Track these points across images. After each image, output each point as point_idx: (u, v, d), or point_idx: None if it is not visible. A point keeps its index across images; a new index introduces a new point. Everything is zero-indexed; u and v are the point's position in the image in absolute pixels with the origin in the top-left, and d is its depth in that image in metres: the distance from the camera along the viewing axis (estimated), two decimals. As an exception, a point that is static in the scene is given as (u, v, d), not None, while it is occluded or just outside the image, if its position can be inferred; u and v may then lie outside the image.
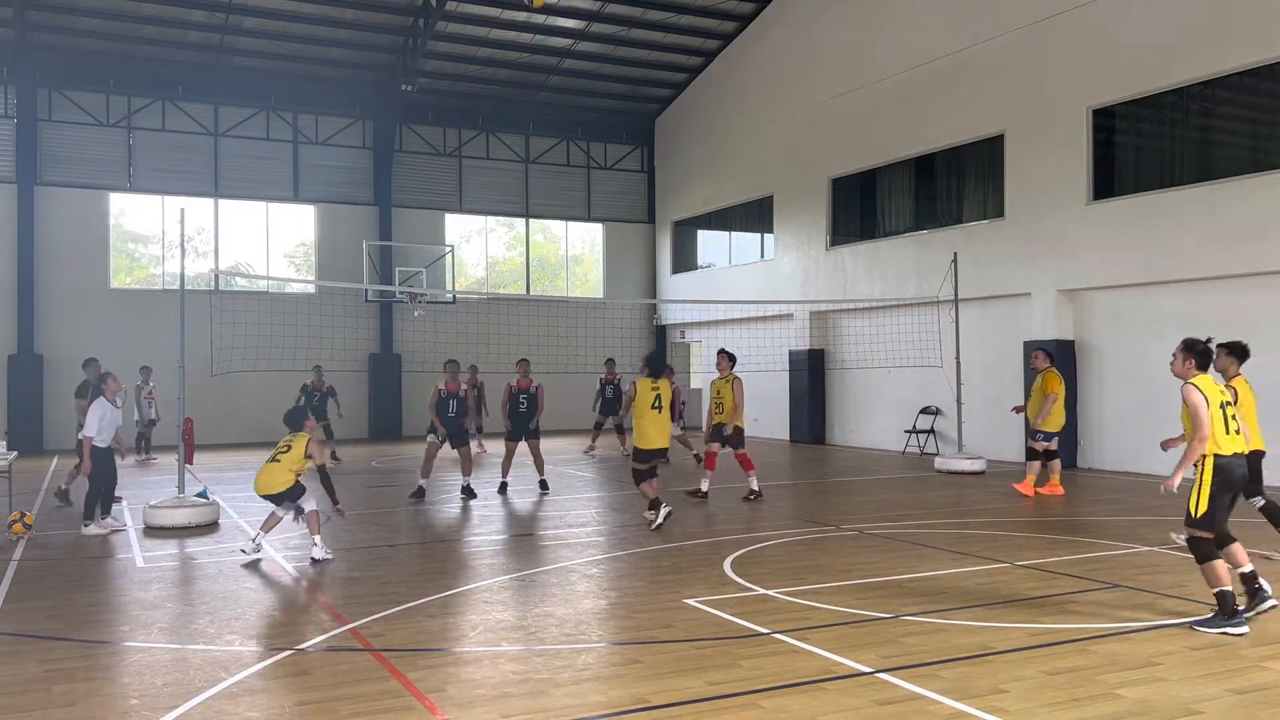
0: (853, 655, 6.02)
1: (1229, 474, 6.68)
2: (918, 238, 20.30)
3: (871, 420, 21.76)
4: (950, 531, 10.69)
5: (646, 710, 5.15)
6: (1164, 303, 15.84)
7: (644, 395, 11.36)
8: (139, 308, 23.57)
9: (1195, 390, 6.73)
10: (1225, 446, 6.67)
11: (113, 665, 6.14)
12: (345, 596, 7.88)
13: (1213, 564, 6.58)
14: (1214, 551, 6.65)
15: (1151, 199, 15.78)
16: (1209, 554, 6.62)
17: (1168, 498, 13.10)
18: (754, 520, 11.63)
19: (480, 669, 5.94)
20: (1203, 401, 6.67)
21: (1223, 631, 6.43)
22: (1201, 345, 7.04)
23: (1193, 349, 7.01)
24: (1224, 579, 6.54)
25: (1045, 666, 5.80)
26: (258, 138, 25.10)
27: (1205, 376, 6.91)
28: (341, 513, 9.83)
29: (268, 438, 23.58)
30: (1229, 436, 6.71)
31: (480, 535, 10.92)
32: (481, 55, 25.17)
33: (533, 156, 28.22)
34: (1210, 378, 6.94)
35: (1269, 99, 14.69)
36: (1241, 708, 5.11)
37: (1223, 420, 6.72)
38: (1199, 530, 6.67)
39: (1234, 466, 6.71)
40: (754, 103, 24.97)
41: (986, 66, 18.46)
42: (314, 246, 25.89)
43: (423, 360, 24.11)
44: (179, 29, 22.94)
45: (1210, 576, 6.58)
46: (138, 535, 10.88)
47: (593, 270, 29.66)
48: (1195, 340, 7.09)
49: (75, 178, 23.47)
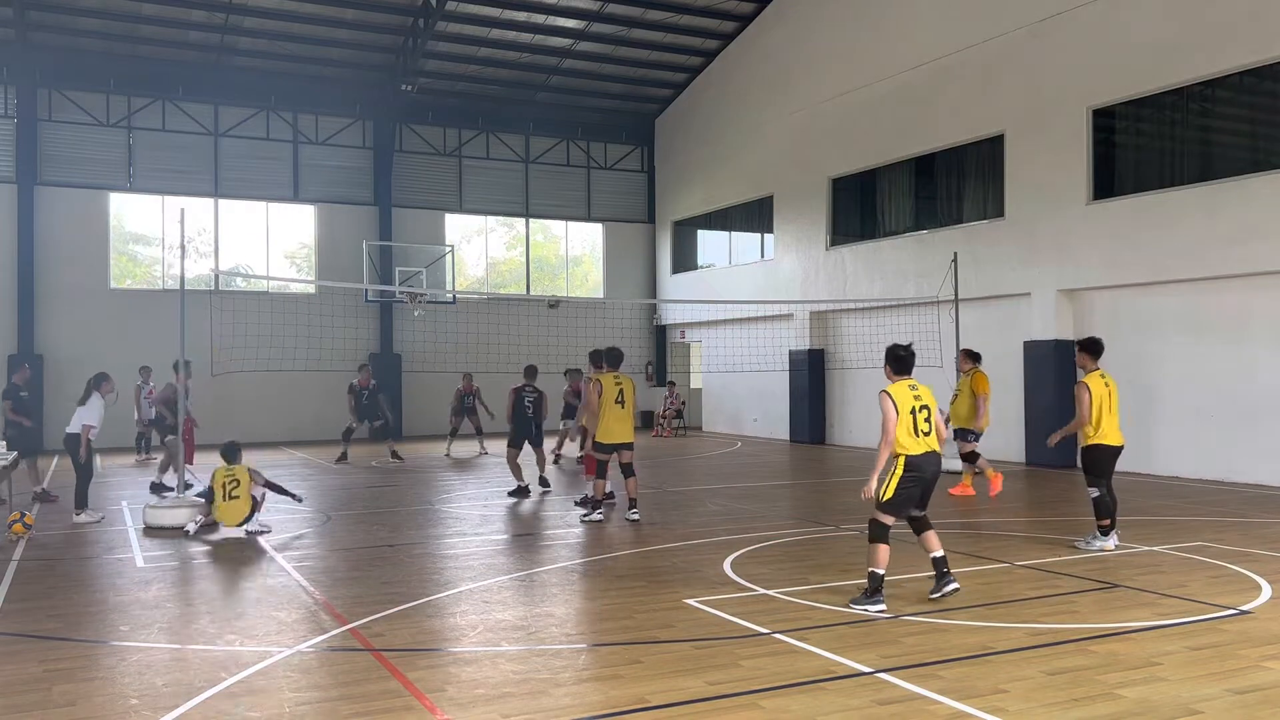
0: (853, 655, 6.02)
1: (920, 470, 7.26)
2: (918, 238, 20.30)
3: (872, 420, 21.69)
4: (950, 531, 10.69)
5: (646, 710, 5.14)
6: (1164, 303, 15.85)
7: (608, 390, 11.38)
8: (139, 308, 23.56)
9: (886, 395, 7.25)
10: (913, 447, 7.22)
11: (113, 665, 6.14)
12: (345, 596, 7.88)
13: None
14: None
15: (1151, 199, 15.79)
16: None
17: (1168, 497, 13.14)
18: (754, 520, 11.63)
19: (480, 669, 5.94)
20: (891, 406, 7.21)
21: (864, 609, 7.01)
22: (900, 351, 7.46)
23: (889, 355, 7.49)
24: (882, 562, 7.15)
25: (1045, 666, 5.80)
26: (258, 138, 25.10)
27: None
28: (299, 499, 12.17)
29: (268, 438, 23.68)
30: (916, 439, 7.24)
31: (480, 535, 10.92)
32: (481, 55, 25.17)
33: (533, 156, 28.22)
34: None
35: (1269, 99, 14.69)
36: (1241, 708, 5.11)
37: (912, 423, 7.23)
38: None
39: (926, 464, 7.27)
40: (754, 103, 24.97)
41: (986, 66, 18.46)
42: (314, 246, 25.90)
43: (423, 360, 24.14)
44: (179, 29, 22.94)
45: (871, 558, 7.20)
46: (138, 535, 10.89)
47: (593, 270, 29.66)
48: (895, 345, 7.53)
49: (75, 178, 23.47)
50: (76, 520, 11.62)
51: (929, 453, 7.29)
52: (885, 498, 7.23)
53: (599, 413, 11.45)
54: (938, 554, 7.37)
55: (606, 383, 11.45)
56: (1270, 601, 7.33)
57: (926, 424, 7.29)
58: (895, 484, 7.21)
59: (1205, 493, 13.73)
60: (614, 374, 11.58)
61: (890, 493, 7.22)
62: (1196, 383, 15.39)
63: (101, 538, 10.80)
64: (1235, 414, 14.87)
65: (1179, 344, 15.69)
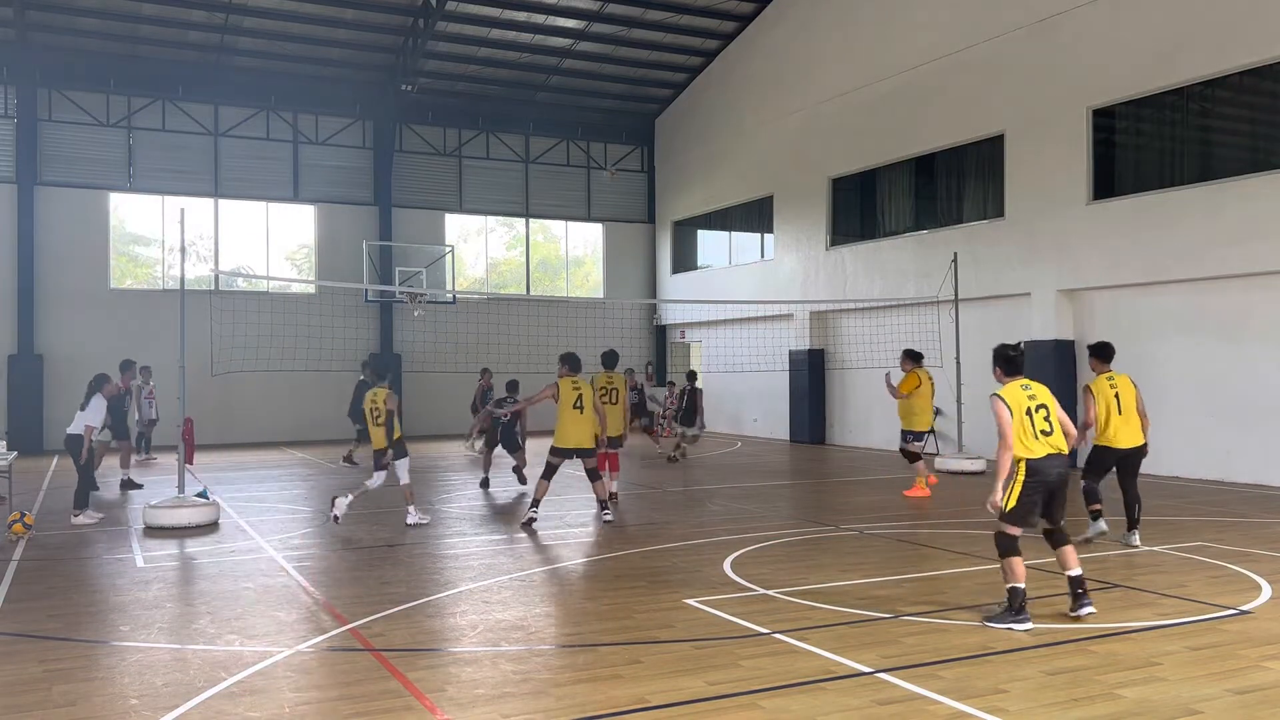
0: (853, 655, 6.02)
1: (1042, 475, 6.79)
2: (918, 238, 20.30)
3: (871, 420, 21.74)
4: (950, 531, 10.69)
5: (646, 710, 5.14)
6: (1164, 303, 15.85)
7: (565, 394, 11.18)
8: (139, 308, 23.56)
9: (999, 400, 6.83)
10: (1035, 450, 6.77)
11: (113, 665, 6.14)
12: (345, 596, 7.88)
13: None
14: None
15: (1152, 199, 15.78)
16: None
17: (1168, 497, 13.13)
18: (754, 520, 11.63)
19: (480, 669, 5.94)
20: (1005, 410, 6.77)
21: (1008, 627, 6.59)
22: (1010, 350, 7.09)
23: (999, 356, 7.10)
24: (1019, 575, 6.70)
25: (1045, 666, 5.80)
26: (258, 138, 25.10)
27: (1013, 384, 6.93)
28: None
29: (268, 438, 23.69)
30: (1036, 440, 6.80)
31: (480, 535, 10.91)
32: (481, 55, 25.17)
33: (533, 156, 28.22)
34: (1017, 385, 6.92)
35: (1269, 99, 14.69)
36: (1241, 708, 5.11)
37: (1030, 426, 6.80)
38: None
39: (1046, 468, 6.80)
40: (754, 102, 24.97)
41: (986, 66, 18.46)
42: (314, 246, 25.89)
43: (423, 360, 24.13)
44: (179, 29, 22.94)
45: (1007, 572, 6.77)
46: (138, 535, 10.89)
47: (593, 270, 29.66)
48: (1004, 346, 7.16)
49: (75, 178, 23.47)
50: (75, 521, 11.63)
51: (1051, 455, 6.80)
52: (1008, 507, 6.79)
53: (559, 414, 11.27)
54: (1074, 572, 6.86)
55: (564, 386, 11.25)
56: (1270, 601, 7.33)
57: (1046, 423, 6.83)
58: (1018, 491, 6.76)
59: (1205, 493, 13.72)
60: (571, 379, 11.31)
61: (1013, 501, 6.77)
62: (1196, 383, 15.39)
63: (101, 538, 10.80)
64: (1235, 414, 14.87)
65: (1179, 344, 15.69)
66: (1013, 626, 6.58)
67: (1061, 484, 6.87)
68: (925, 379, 13.76)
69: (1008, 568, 6.74)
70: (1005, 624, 6.61)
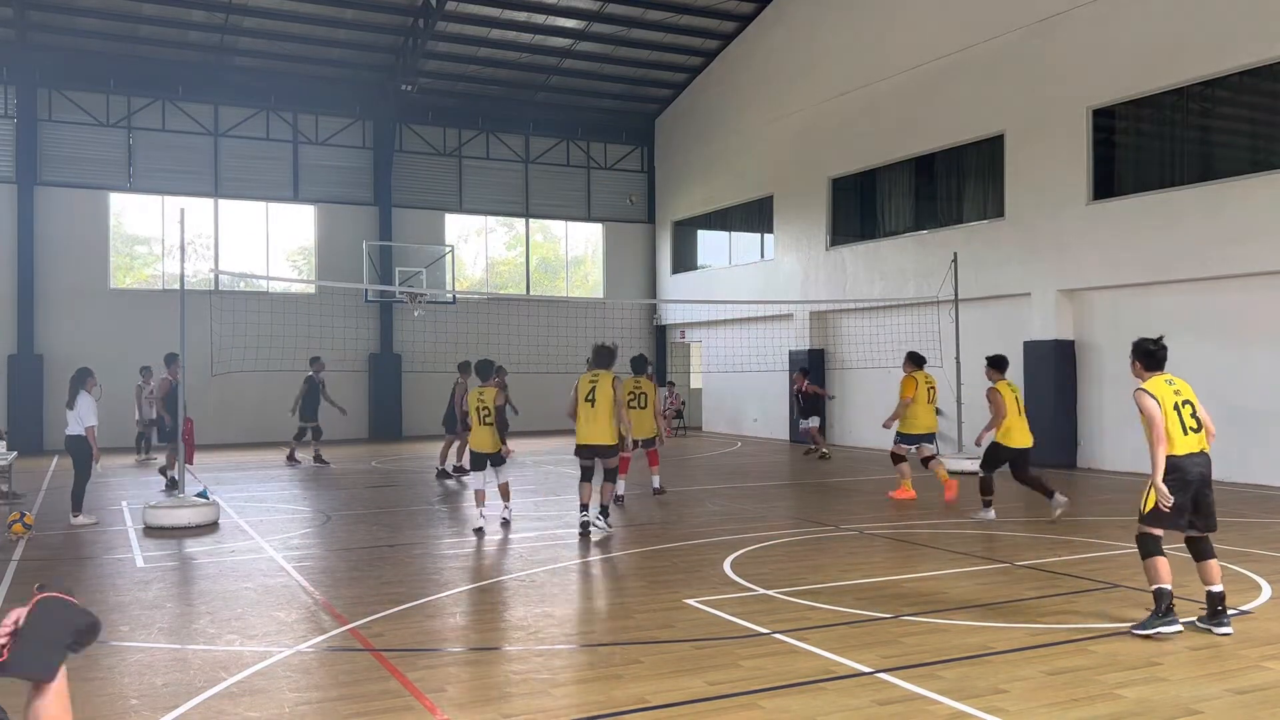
0: (853, 655, 6.01)
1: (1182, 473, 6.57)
2: (918, 238, 20.29)
3: (871, 420, 21.73)
4: (950, 531, 10.69)
5: (646, 710, 5.14)
6: (1164, 303, 15.84)
7: (580, 389, 10.65)
8: (139, 308, 23.57)
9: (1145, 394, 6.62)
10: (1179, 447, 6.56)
11: (113, 665, 6.13)
12: (345, 596, 7.88)
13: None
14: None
15: (1151, 199, 15.78)
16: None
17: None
18: (754, 520, 11.63)
19: (480, 669, 5.94)
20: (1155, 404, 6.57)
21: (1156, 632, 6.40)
22: (1151, 345, 6.91)
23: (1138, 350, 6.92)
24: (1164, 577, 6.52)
25: (1045, 666, 5.79)
26: (258, 138, 25.10)
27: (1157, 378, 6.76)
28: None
29: (268, 438, 23.67)
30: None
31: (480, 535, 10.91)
32: (481, 55, 25.17)
33: (533, 156, 28.22)
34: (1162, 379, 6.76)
35: (1269, 99, 14.69)
36: (1241, 708, 5.11)
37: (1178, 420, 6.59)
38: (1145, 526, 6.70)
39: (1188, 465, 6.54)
40: (754, 102, 24.97)
41: (986, 66, 18.46)
42: (314, 246, 25.90)
43: (423, 361, 24.11)
44: (179, 29, 22.94)
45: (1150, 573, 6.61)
46: (138, 535, 10.89)
47: (593, 270, 29.66)
48: (1144, 340, 6.96)
49: (75, 178, 23.47)
50: (74, 522, 11.55)
51: (1194, 453, 6.52)
52: (1146, 507, 6.55)
53: (574, 412, 10.82)
54: (1214, 588, 6.52)
55: (581, 381, 10.75)
56: (1270, 601, 7.33)
57: (1193, 419, 6.59)
58: (1156, 490, 6.51)
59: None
60: (589, 374, 10.80)
61: (1152, 501, 6.53)
62: (1196, 383, 15.23)
63: (101, 538, 10.80)
64: (1234, 414, 14.85)
65: (1179, 344, 15.52)
66: (1162, 630, 6.36)
67: (1204, 483, 6.59)
68: (923, 382, 13.69)
69: (1150, 569, 6.55)
70: (1154, 629, 6.37)
